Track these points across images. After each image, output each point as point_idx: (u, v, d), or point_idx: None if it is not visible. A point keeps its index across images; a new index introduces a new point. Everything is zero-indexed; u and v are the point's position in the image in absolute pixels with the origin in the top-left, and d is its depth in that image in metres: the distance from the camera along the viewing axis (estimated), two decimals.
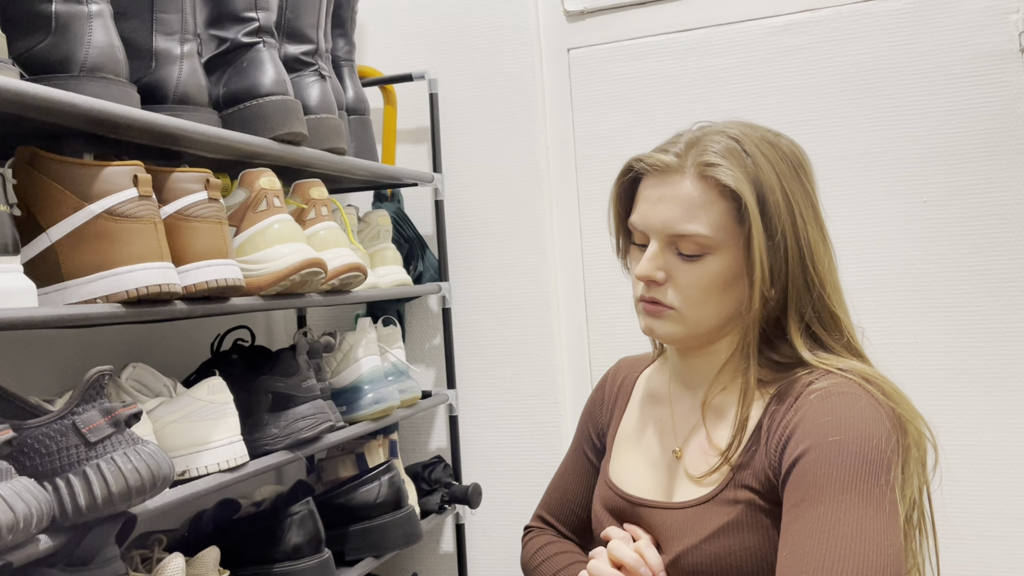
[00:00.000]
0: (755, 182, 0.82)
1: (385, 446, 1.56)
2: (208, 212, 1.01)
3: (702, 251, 0.84)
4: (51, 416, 0.82)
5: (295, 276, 1.14)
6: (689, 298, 0.85)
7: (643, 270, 0.86)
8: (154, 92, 1.04)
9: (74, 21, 0.92)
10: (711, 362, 0.90)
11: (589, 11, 1.65)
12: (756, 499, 0.82)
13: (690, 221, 0.83)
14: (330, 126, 1.30)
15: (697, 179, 0.83)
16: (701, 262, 0.84)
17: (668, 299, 0.86)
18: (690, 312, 0.85)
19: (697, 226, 0.83)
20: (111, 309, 0.88)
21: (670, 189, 0.84)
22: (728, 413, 0.87)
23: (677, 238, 0.84)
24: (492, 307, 1.71)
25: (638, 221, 0.88)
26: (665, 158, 0.86)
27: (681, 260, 0.84)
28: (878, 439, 0.77)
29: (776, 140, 0.86)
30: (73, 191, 0.89)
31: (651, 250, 0.86)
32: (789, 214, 0.83)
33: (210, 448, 1.04)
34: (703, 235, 0.83)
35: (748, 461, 0.83)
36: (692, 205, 0.83)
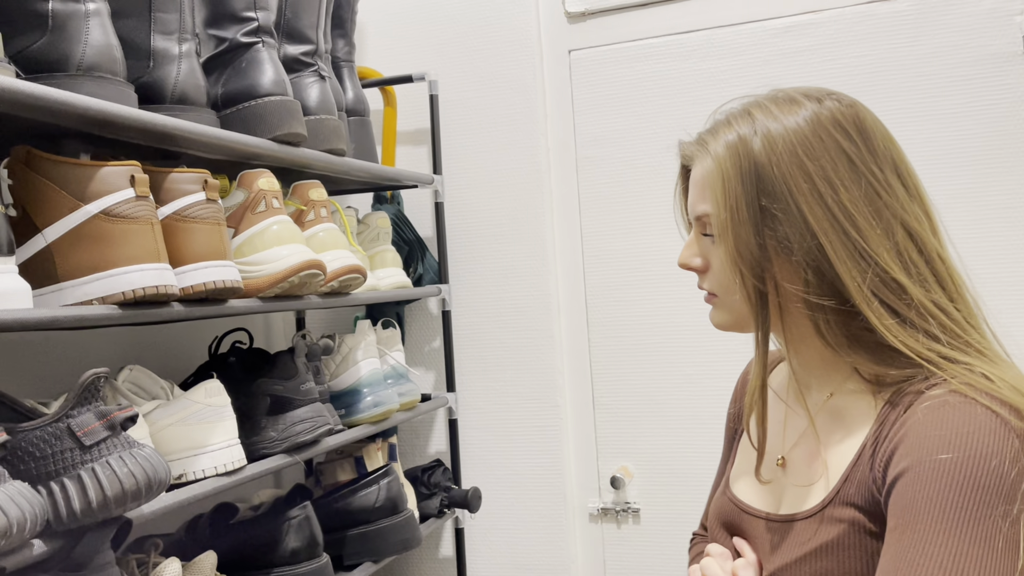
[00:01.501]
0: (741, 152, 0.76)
1: (384, 450, 1.55)
2: (206, 213, 1.00)
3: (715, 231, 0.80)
4: (46, 419, 0.80)
5: (294, 278, 1.13)
6: (722, 282, 0.81)
7: (680, 258, 0.84)
8: (152, 92, 1.03)
9: (71, 19, 0.91)
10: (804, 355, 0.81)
11: (590, 12, 1.64)
12: (861, 519, 0.73)
13: (700, 202, 0.81)
14: (329, 127, 1.29)
15: (700, 160, 0.81)
16: (719, 243, 0.80)
17: (709, 285, 0.83)
18: (728, 298, 0.81)
19: (705, 205, 0.80)
20: (107, 311, 0.87)
21: (694, 172, 0.83)
22: (841, 419, 0.79)
23: (699, 221, 0.82)
24: (492, 310, 1.70)
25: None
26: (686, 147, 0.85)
27: (712, 243, 0.82)
28: (999, 460, 0.66)
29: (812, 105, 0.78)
30: (69, 191, 0.88)
31: (690, 237, 0.85)
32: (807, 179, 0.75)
33: (207, 451, 1.03)
34: (709, 213, 0.80)
35: (855, 474, 0.75)
36: (703, 185, 0.80)
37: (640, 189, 1.62)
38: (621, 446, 1.65)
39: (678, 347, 1.60)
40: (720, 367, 1.57)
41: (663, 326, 1.61)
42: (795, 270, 0.76)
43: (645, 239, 1.62)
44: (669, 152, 1.60)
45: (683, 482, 1.59)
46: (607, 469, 1.65)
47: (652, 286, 1.61)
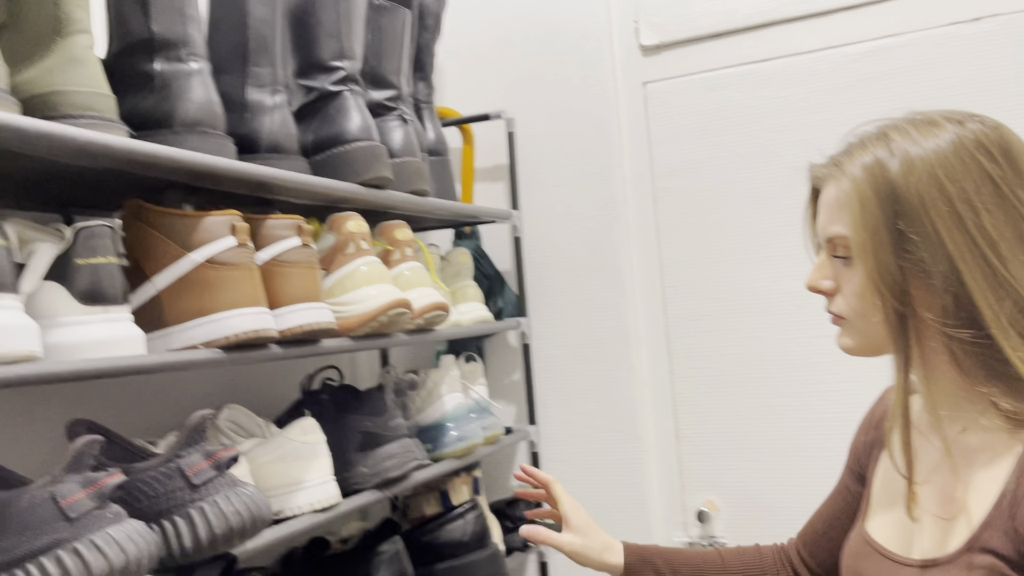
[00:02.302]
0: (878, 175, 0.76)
1: (469, 483, 1.56)
2: (301, 257, 1.04)
3: (848, 253, 0.80)
4: (158, 460, 0.84)
5: (383, 317, 1.16)
6: (853, 306, 0.80)
7: (808, 280, 0.84)
8: (248, 141, 1.08)
9: (175, 79, 0.96)
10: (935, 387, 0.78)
11: (665, 45, 1.65)
12: (1002, 567, 0.70)
13: (833, 223, 0.80)
14: (413, 169, 1.32)
15: (835, 181, 0.81)
16: (853, 266, 0.79)
17: (837, 309, 0.82)
18: (859, 322, 0.80)
19: (838, 227, 0.80)
20: (211, 355, 0.91)
21: (825, 195, 0.82)
22: (976, 456, 0.76)
23: (829, 243, 0.82)
24: (572, 342, 1.71)
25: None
26: (817, 169, 0.84)
27: (843, 266, 0.81)
28: None
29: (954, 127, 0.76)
30: (176, 241, 0.93)
31: (820, 259, 0.84)
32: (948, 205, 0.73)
33: (304, 488, 1.06)
34: (842, 235, 0.79)
35: (996, 520, 0.71)
36: (836, 207, 0.80)
37: (719, 218, 1.61)
38: (706, 479, 1.63)
39: (763, 378, 1.58)
40: (807, 398, 1.54)
41: (747, 356, 1.59)
42: (932, 295, 0.74)
43: (726, 268, 1.60)
44: (751, 180, 1.60)
45: (772, 516, 1.56)
46: (693, 503, 1.63)
47: (734, 316, 1.60)
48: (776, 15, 1.55)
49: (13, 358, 0.71)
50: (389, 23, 1.32)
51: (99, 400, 1.18)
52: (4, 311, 0.70)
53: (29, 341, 0.72)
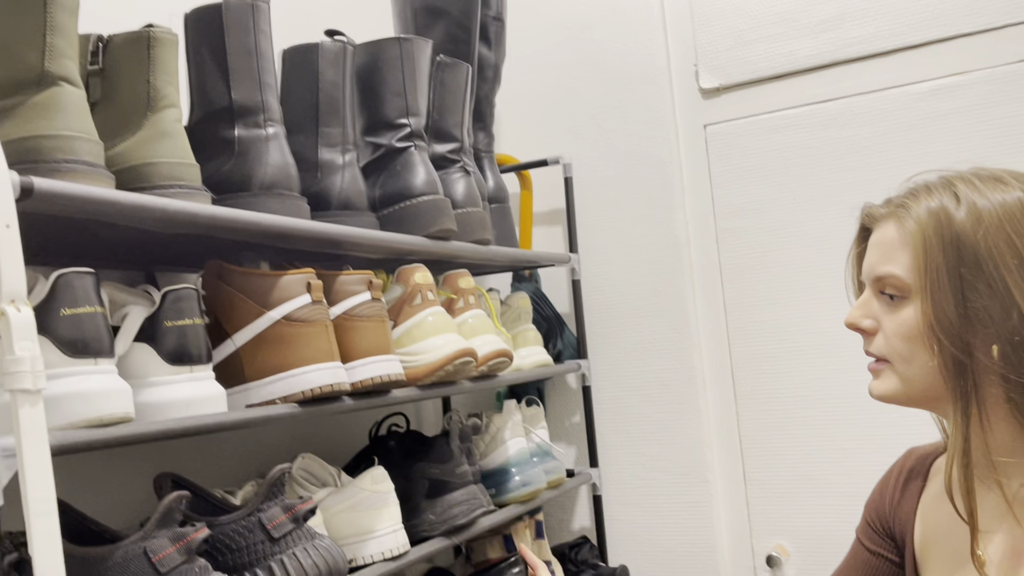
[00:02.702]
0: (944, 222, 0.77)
1: (532, 527, 1.57)
2: (372, 311, 1.07)
3: (900, 294, 0.80)
4: (240, 513, 0.87)
5: (449, 366, 1.18)
6: (895, 348, 0.80)
7: (848, 316, 0.83)
8: (320, 200, 1.13)
9: (253, 144, 1.01)
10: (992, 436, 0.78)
11: (725, 87, 1.66)
12: None
13: (886, 263, 0.80)
14: (476, 219, 1.35)
15: (895, 222, 0.81)
16: (902, 308, 0.79)
17: (877, 349, 0.82)
18: (901, 366, 0.80)
19: (892, 267, 0.80)
20: (289, 409, 0.95)
21: (878, 235, 0.83)
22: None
23: (879, 281, 0.82)
24: (634, 384, 1.71)
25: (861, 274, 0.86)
26: (874, 208, 0.85)
27: (887, 307, 0.81)
28: None
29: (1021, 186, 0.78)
30: (254, 299, 0.97)
31: (861, 298, 0.84)
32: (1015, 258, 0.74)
33: (375, 537, 1.08)
34: (896, 275, 0.79)
35: None
36: (891, 247, 0.80)
37: (783, 259, 1.60)
38: (776, 524, 1.60)
39: (832, 420, 1.55)
40: (878, 441, 1.51)
41: (815, 398, 1.57)
42: (992, 342, 0.74)
43: (791, 309, 1.59)
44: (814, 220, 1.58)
45: None
46: (762, 547, 1.61)
47: (801, 357, 1.58)
48: (838, 56, 1.55)
49: (110, 420, 0.74)
50: (451, 78, 1.36)
51: (179, 452, 1.22)
52: (103, 376, 0.75)
53: (124, 404, 0.76)
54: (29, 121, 0.75)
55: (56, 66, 0.77)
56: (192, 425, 0.83)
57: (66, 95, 0.77)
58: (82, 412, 0.73)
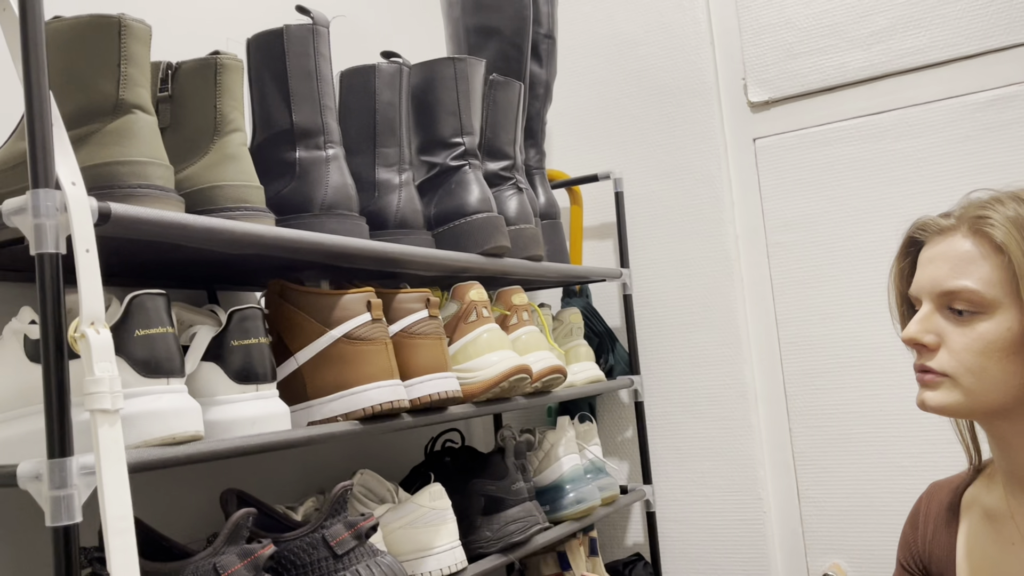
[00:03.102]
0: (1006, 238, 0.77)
1: (586, 544, 1.56)
2: (429, 329, 1.08)
3: (975, 309, 0.78)
4: (304, 530, 0.89)
5: (504, 383, 1.19)
6: (964, 363, 0.78)
7: (909, 332, 0.81)
8: (377, 219, 1.14)
9: (314, 166, 1.03)
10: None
11: (774, 101, 1.65)
12: None
13: (959, 277, 0.79)
14: (528, 235, 1.36)
15: (969, 234, 0.80)
16: (976, 323, 0.78)
17: (940, 365, 0.80)
18: (967, 380, 0.78)
19: (967, 281, 0.78)
20: (350, 426, 0.96)
21: (943, 247, 0.82)
22: None
23: (947, 296, 0.80)
24: (686, 399, 1.70)
25: (913, 288, 0.85)
26: (940, 220, 0.84)
27: (954, 322, 0.80)
28: None
29: None
30: (316, 318, 0.98)
31: (921, 312, 0.82)
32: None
33: (433, 554, 1.08)
34: (973, 290, 0.78)
35: None
36: (963, 260, 0.79)
37: (836, 272, 1.58)
38: (831, 542, 1.58)
39: (888, 436, 1.53)
40: (935, 458, 1.48)
41: (870, 414, 1.54)
42: None
43: (845, 324, 1.57)
44: (867, 233, 1.56)
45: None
46: (817, 566, 1.58)
47: (855, 373, 1.56)
48: (891, 67, 1.54)
49: (183, 438, 0.76)
50: (504, 97, 1.37)
51: (240, 468, 1.24)
52: (175, 395, 0.76)
53: (195, 422, 0.78)
54: (104, 147, 0.78)
55: (130, 94, 0.79)
56: (259, 443, 0.84)
57: (139, 122, 0.79)
58: (156, 430, 0.75)
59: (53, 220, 0.67)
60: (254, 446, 0.84)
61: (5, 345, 0.79)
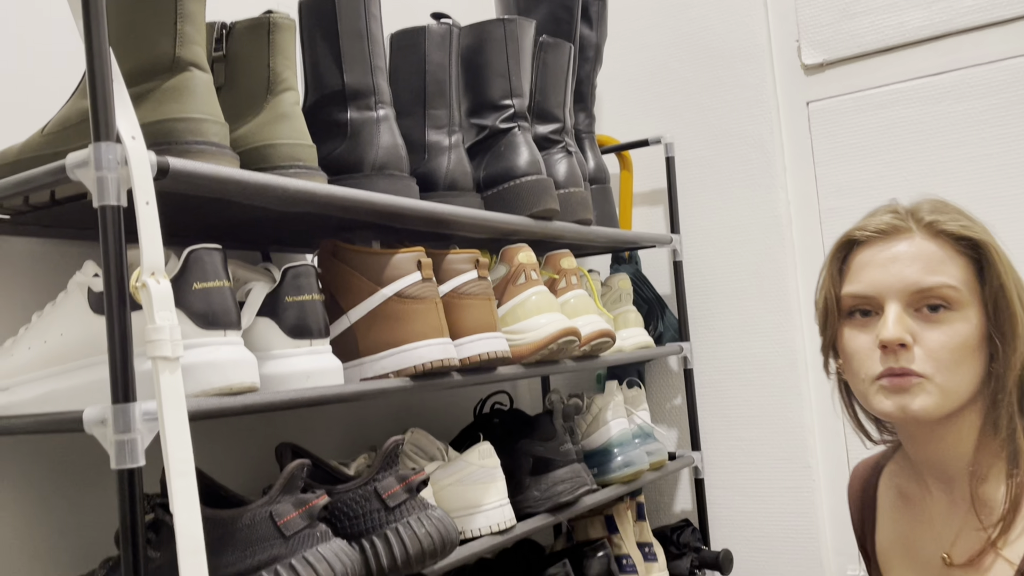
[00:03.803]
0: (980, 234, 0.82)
1: (633, 508, 1.57)
2: (478, 290, 1.08)
3: (951, 306, 0.80)
4: (356, 482, 0.90)
5: (553, 345, 1.19)
6: (942, 362, 0.79)
7: (892, 332, 0.80)
8: (427, 181, 1.15)
9: (365, 126, 1.04)
10: (959, 446, 0.83)
11: (828, 63, 1.61)
12: None
13: (936, 274, 0.80)
14: (578, 199, 1.35)
15: (930, 237, 0.82)
16: (950, 321, 0.80)
17: (921, 366, 0.79)
18: (943, 379, 0.79)
19: (943, 278, 0.80)
20: (401, 383, 0.97)
21: (903, 247, 0.82)
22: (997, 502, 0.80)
23: (923, 294, 0.80)
24: (735, 367, 1.69)
25: (866, 288, 0.83)
26: (892, 219, 0.85)
27: (926, 322, 0.80)
28: None
29: None
30: (368, 277, 0.99)
31: (894, 313, 0.81)
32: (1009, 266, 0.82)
33: (482, 511, 1.10)
34: (951, 286, 0.80)
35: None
36: (932, 260, 0.81)
37: None
38: None
39: None
40: None
41: None
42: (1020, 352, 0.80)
43: None
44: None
45: None
46: None
47: None
48: (953, 26, 1.49)
49: (239, 389, 0.78)
50: (554, 59, 1.36)
51: (295, 424, 1.27)
52: (232, 347, 0.78)
53: (251, 373, 0.80)
54: (162, 104, 0.79)
55: (187, 52, 0.80)
56: (313, 396, 0.86)
57: (196, 80, 0.81)
58: (213, 381, 0.77)
59: (114, 173, 0.69)
60: (308, 399, 0.86)
61: (70, 298, 0.81)
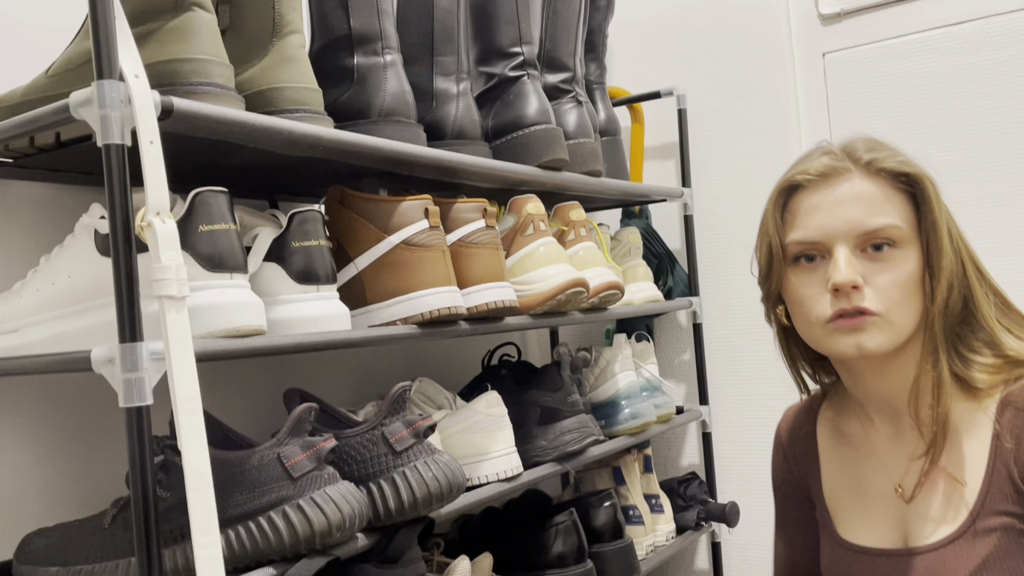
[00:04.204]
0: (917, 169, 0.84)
1: (640, 461, 1.57)
2: (486, 239, 1.08)
3: (896, 244, 0.81)
4: (363, 427, 0.91)
5: (561, 296, 1.19)
6: (892, 299, 0.80)
7: (845, 275, 0.80)
8: (435, 129, 1.14)
9: (372, 72, 1.02)
10: (903, 378, 0.84)
11: (846, 12, 1.57)
12: (1013, 522, 0.75)
13: (878, 215, 0.81)
14: (587, 150, 1.34)
15: (869, 176, 0.83)
16: (896, 259, 0.81)
17: (874, 305, 0.80)
18: (895, 315, 0.80)
19: (887, 218, 0.81)
20: (408, 330, 0.97)
21: (846, 189, 0.82)
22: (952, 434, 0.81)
23: (869, 235, 0.81)
24: (745, 322, 1.68)
25: (812, 233, 0.83)
26: (831, 161, 0.85)
27: (872, 261, 0.81)
28: None
29: None
30: (375, 224, 0.99)
31: (843, 255, 0.81)
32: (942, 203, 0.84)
33: (490, 458, 1.10)
34: (896, 225, 0.81)
35: (994, 480, 0.77)
36: (875, 200, 0.82)
37: None
38: None
39: None
40: None
41: None
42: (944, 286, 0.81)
43: None
44: (944, 151, 1.50)
45: None
46: None
47: None
48: None
49: (246, 331, 0.78)
50: (564, 7, 1.34)
51: (303, 372, 1.28)
52: (239, 290, 0.78)
53: (258, 316, 0.80)
54: (165, 45, 0.78)
55: None
56: (321, 340, 0.86)
57: (199, 20, 0.80)
58: (220, 322, 0.77)
59: (118, 112, 0.68)
60: (315, 343, 0.86)
61: (77, 240, 0.81)
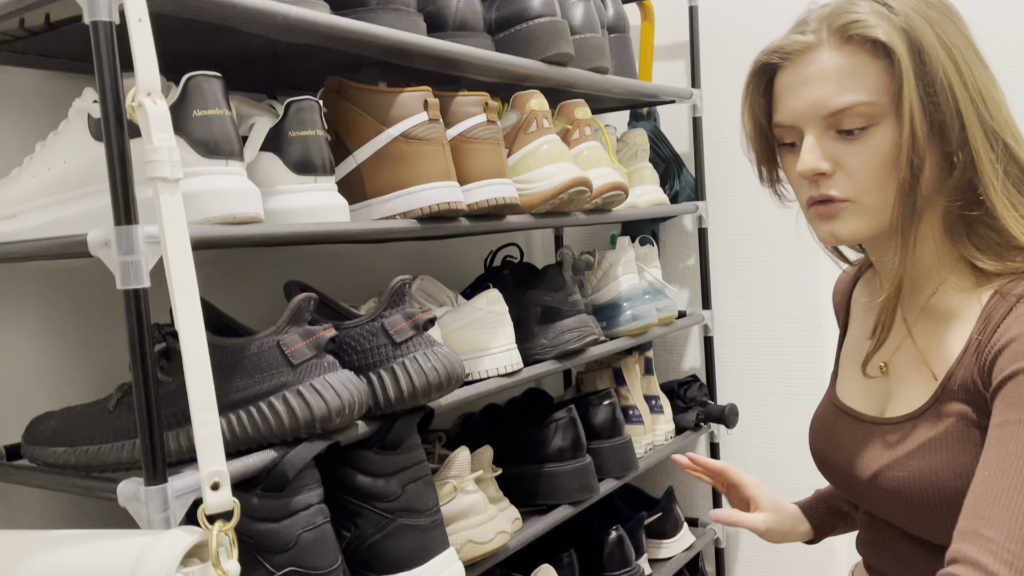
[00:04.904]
0: (903, 31, 0.72)
1: (641, 363, 1.59)
2: (487, 134, 1.06)
3: (867, 122, 0.74)
4: (364, 319, 0.92)
5: (563, 195, 1.18)
6: (864, 183, 0.74)
7: (806, 164, 0.75)
8: (435, 20, 1.11)
9: None
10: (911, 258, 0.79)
11: None
12: (968, 411, 0.73)
13: (845, 92, 0.73)
14: (594, 45, 1.31)
15: (840, 46, 0.74)
16: (869, 138, 0.74)
17: (843, 191, 0.75)
18: (870, 199, 0.75)
19: (855, 95, 0.73)
20: (408, 224, 0.97)
21: (813, 68, 0.75)
22: (944, 317, 0.78)
23: (835, 117, 0.74)
24: (750, 227, 1.67)
25: (785, 117, 0.78)
26: (800, 37, 0.76)
27: (845, 143, 0.75)
28: None
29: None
30: (374, 116, 0.98)
31: (808, 142, 0.76)
32: (951, 61, 0.72)
33: (490, 354, 1.12)
34: (864, 102, 0.73)
35: (960, 370, 0.74)
36: (843, 74, 0.73)
37: None
38: None
39: None
40: None
41: None
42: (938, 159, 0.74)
43: None
44: None
45: None
46: None
47: None
48: None
49: (242, 219, 0.78)
50: None
51: (304, 268, 1.28)
52: (234, 176, 0.78)
53: (254, 204, 0.79)
54: None
55: None
56: (319, 231, 0.86)
57: None
58: (216, 209, 0.77)
59: None
60: (313, 234, 0.86)
61: (71, 126, 0.81)
